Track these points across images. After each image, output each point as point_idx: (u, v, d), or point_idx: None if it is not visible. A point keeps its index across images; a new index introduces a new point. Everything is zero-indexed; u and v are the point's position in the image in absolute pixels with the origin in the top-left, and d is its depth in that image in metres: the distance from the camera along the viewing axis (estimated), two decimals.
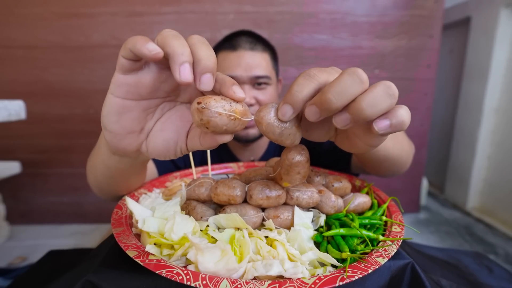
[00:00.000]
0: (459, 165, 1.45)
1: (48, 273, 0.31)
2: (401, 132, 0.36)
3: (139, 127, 0.23)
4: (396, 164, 0.37)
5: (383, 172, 0.40)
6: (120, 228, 0.28)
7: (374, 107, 0.17)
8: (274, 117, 0.20)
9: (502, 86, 1.28)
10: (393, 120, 0.18)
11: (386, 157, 0.33)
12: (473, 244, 1.14)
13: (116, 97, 0.21)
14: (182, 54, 0.18)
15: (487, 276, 0.32)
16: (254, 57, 0.50)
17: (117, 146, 0.23)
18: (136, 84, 0.21)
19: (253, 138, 0.54)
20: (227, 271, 0.22)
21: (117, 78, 0.21)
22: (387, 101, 0.18)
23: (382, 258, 0.24)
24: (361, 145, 0.22)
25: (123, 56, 0.20)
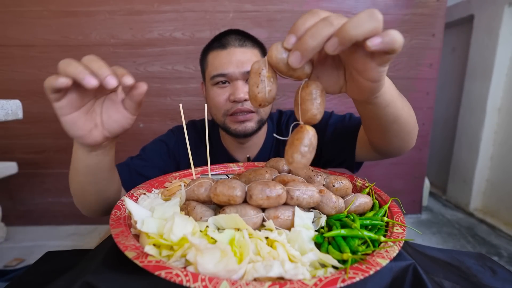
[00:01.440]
0: (462, 165, 1.44)
1: (45, 274, 0.31)
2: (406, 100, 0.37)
3: (92, 123, 0.32)
4: (404, 129, 0.37)
5: (391, 138, 0.39)
6: (119, 229, 0.27)
7: (357, 28, 0.19)
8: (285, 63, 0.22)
9: (505, 85, 1.27)
10: (385, 38, 0.20)
11: (395, 116, 0.33)
12: (475, 245, 1.13)
13: (64, 116, 0.30)
14: (80, 73, 0.26)
15: (490, 278, 0.32)
16: (245, 54, 0.51)
17: (88, 143, 0.32)
18: (68, 103, 0.30)
19: (251, 132, 0.54)
20: (227, 272, 0.22)
21: (56, 107, 0.30)
22: (370, 23, 0.20)
23: (384, 259, 0.24)
24: (365, 83, 0.24)
25: (49, 94, 0.28)
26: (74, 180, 0.39)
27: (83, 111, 0.31)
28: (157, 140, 0.60)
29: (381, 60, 0.22)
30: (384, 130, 0.37)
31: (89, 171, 0.36)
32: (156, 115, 1.22)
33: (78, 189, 0.40)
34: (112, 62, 1.22)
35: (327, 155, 0.57)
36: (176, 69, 1.19)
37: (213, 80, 0.52)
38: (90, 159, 0.35)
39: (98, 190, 0.39)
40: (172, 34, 1.15)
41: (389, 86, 0.30)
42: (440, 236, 1.20)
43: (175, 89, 1.20)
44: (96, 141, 0.33)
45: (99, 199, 0.40)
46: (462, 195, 1.43)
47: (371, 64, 0.22)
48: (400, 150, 0.43)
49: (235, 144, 0.60)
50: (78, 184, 0.39)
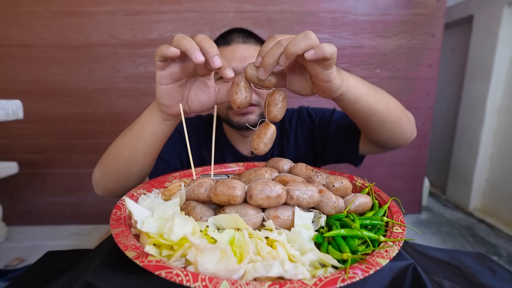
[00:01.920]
0: (461, 165, 1.44)
1: (46, 274, 0.31)
2: (387, 95, 0.43)
3: (180, 96, 0.38)
4: (386, 121, 0.42)
5: (377, 130, 0.44)
6: (119, 229, 0.28)
7: (296, 46, 0.28)
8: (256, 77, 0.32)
9: (504, 85, 1.27)
10: (317, 49, 0.28)
11: (369, 109, 0.39)
12: (475, 245, 1.13)
13: (162, 85, 0.35)
14: (192, 47, 0.31)
15: (489, 278, 0.32)
16: (248, 49, 0.53)
17: (171, 113, 0.38)
18: (170, 73, 0.35)
19: (252, 124, 0.56)
20: (227, 272, 0.22)
21: (158, 74, 0.34)
22: (305, 41, 0.28)
23: (384, 259, 0.24)
24: (321, 84, 0.33)
25: (158, 60, 0.33)
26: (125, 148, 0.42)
27: (178, 84, 0.36)
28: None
29: (323, 66, 0.31)
30: (366, 122, 0.43)
31: (152, 140, 0.40)
32: None
33: (124, 158, 0.42)
34: (112, 62, 1.22)
35: (332, 150, 0.59)
36: None
37: (217, 75, 0.54)
38: (161, 128, 0.40)
39: (143, 162, 0.43)
40: (172, 34, 1.15)
41: (354, 84, 0.37)
42: (440, 236, 1.20)
43: None
44: (177, 113, 0.38)
45: (133, 173, 0.44)
46: (462, 195, 1.43)
47: (318, 69, 0.31)
48: (395, 141, 0.47)
49: (239, 137, 0.61)
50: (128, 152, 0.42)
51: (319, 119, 0.60)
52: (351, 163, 0.58)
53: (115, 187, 0.46)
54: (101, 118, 1.21)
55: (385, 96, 0.42)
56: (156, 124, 0.39)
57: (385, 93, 0.42)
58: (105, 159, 0.46)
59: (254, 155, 0.62)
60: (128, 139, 0.42)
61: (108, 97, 1.19)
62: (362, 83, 0.38)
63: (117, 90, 1.19)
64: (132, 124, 0.43)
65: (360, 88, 0.37)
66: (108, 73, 1.17)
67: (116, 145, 0.44)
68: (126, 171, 0.44)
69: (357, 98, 0.37)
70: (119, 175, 0.44)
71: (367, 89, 0.38)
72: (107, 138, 1.22)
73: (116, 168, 0.44)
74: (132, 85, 1.19)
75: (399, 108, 0.44)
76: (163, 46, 0.31)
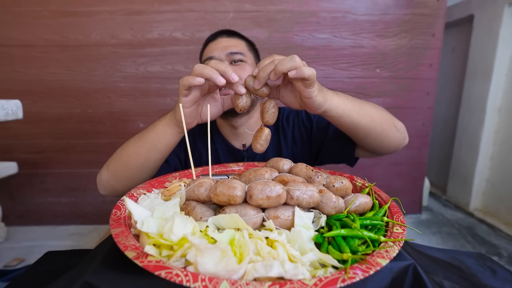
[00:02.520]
0: (462, 165, 1.44)
1: (45, 274, 0.31)
2: (374, 108, 0.48)
3: (197, 114, 0.44)
4: (371, 132, 0.47)
5: (364, 140, 0.49)
6: (119, 229, 0.27)
7: (283, 66, 0.35)
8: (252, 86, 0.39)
9: (505, 85, 1.27)
10: (298, 71, 0.35)
11: (353, 124, 0.45)
12: (475, 245, 1.13)
13: (186, 108, 0.42)
14: (214, 73, 0.37)
15: (490, 278, 0.32)
16: (230, 41, 0.58)
17: (188, 128, 0.43)
18: (193, 98, 0.41)
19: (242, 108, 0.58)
20: (227, 272, 0.22)
21: (183, 100, 0.41)
22: (290, 63, 0.35)
23: (384, 259, 0.24)
24: (304, 100, 0.39)
25: (184, 89, 0.39)
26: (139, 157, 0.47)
27: (196, 105, 0.43)
28: None
29: (304, 84, 0.37)
30: (351, 134, 0.49)
31: (166, 149, 0.46)
32: (156, 115, 1.22)
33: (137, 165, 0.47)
34: (112, 62, 1.22)
35: (328, 152, 0.60)
36: (176, 69, 1.19)
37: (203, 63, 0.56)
38: (175, 140, 0.46)
39: (154, 167, 0.49)
40: (172, 34, 1.15)
41: (338, 103, 0.42)
42: (440, 236, 1.20)
43: (175, 89, 1.20)
44: (192, 127, 0.45)
45: (143, 177, 0.49)
46: (462, 195, 1.43)
47: (301, 87, 0.37)
48: (384, 148, 0.51)
49: (231, 130, 0.63)
50: (141, 160, 0.47)
51: (317, 120, 0.62)
52: (346, 163, 0.61)
53: (122, 188, 0.50)
54: (100, 118, 1.21)
55: (371, 110, 0.47)
56: (171, 136, 0.45)
57: (371, 107, 0.47)
58: (114, 165, 0.49)
59: (245, 148, 0.64)
60: (142, 149, 0.47)
61: (107, 97, 1.19)
62: (347, 100, 0.44)
63: (117, 90, 1.19)
64: (145, 135, 0.47)
65: (343, 106, 0.42)
66: (108, 73, 1.17)
67: (128, 154, 0.48)
68: (138, 175, 0.48)
69: (340, 114, 0.43)
70: (129, 178, 0.48)
71: (351, 106, 0.43)
72: (107, 138, 1.22)
73: (128, 173, 0.48)
74: (132, 85, 1.19)
75: (386, 119, 0.49)
76: (188, 77, 0.38)
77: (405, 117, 1.25)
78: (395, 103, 1.25)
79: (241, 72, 0.55)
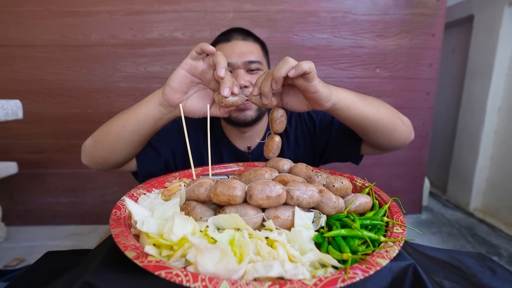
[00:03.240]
0: (462, 165, 1.44)
1: (45, 274, 0.31)
2: (378, 101, 0.47)
3: (186, 89, 0.42)
4: (379, 125, 0.46)
5: (372, 134, 0.48)
6: (119, 229, 0.27)
7: (279, 71, 0.36)
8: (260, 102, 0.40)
9: (505, 85, 1.27)
10: (296, 68, 0.35)
11: (361, 116, 0.44)
12: (475, 245, 1.13)
13: (183, 69, 0.41)
14: (222, 63, 0.38)
15: (490, 278, 0.32)
16: (246, 46, 0.56)
17: (169, 97, 0.42)
18: (194, 66, 0.41)
19: (250, 120, 0.58)
20: (227, 272, 0.22)
21: (187, 60, 0.41)
22: (285, 65, 0.35)
23: (384, 259, 0.24)
24: (312, 95, 0.38)
25: (195, 50, 0.40)
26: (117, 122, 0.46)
27: (191, 79, 0.42)
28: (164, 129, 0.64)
29: (307, 79, 0.36)
30: (360, 128, 0.47)
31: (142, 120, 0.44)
32: None
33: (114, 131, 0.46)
34: (112, 62, 1.22)
35: (334, 150, 0.60)
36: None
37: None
38: (153, 111, 0.44)
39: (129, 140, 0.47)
40: (172, 34, 1.15)
41: (344, 94, 0.42)
42: (440, 236, 1.20)
43: None
44: (173, 101, 0.42)
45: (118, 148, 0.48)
46: (462, 195, 1.43)
47: (304, 83, 0.37)
48: (392, 143, 0.50)
49: (237, 133, 0.62)
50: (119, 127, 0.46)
51: (320, 120, 0.62)
52: (352, 161, 0.60)
53: (100, 158, 0.49)
54: (101, 118, 1.21)
55: (376, 103, 0.46)
56: (151, 106, 0.43)
57: (375, 100, 0.47)
58: (98, 131, 0.49)
59: (250, 150, 0.63)
60: (123, 115, 0.46)
61: (107, 97, 1.19)
62: (351, 93, 0.43)
63: (117, 90, 1.19)
64: (133, 106, 0.46)
65: (349, 98, 0.42)
66: (108, 73, 1.17)
67: (112, 120, 0.48)
68: (113, 144, 0.47)
69: (348, 106, 0.42)
70: (106, 146, 0.48)
71: (356, 98, 0.43)
72: None
73: (105, 140, 0.47)
74: (132, 85, 1.19)
75: (391, 112, 0.48)
76: (205, 43, 0.39)
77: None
78: (395, 103, 1.25)
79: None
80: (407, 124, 0.51)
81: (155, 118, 0.44)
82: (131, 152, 0.49)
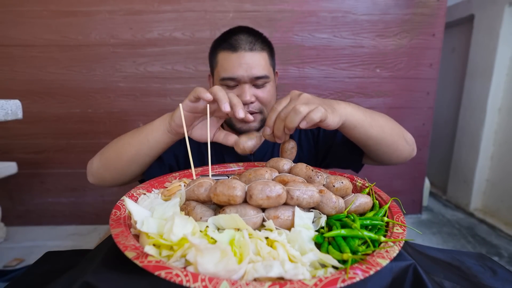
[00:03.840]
0: (462, 165, 1.44)
1: (45, 275, 0.31)
2: (384, 119, 0.47)
3: (190, 123, 0.45)
4: (382, 144, 0.47)
5: (374, 152, 0.49)
6: (119, 229, 0.27)
7: (291, 122, 0.36)
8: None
9: (505, 85, 1.27)
10: (307, 120, 0.36)
11: (366, 135, 0.44)
12: (476, 245, 1.13)
13: (184, 110, 0.42)
14: (224, 99, 0.40)
15: (490, 278, 0.32)
16: (253, 57, 0.54)
17: (175, 129, 0.45)
18: (195, 106, 0.42)
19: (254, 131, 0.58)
20: (227, 272, 0.22)
21: (186, 102, 0.42)
22: (297, 116, 0.36)
23: (384, 260, 0.23)
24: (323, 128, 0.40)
25: (193, 96, 0.41)
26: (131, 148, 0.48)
27: (195, 116, 0.44)
28: None
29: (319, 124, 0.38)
30: (363, 145, 0.48)
31: (155, 145, 0.47)
32: (156, 115, 1.20)
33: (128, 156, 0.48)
34: (112, 62, 1.22)
35: (335, 158, 0.60)
36: (176, 69, 1.19)
37: (223, 81, 0.55)
38: (163, 138, 0.46)
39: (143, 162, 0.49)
40: (172, 34, 1.15)
41: (352, 112, 0.42)
42: (440, 236, 1.20)
43: (175, 89, 1.20)
44: (180, 132, 0.45)
45: (131, 170, 0.50)
46: (463, 195, 1.43)
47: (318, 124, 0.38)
48: (393, 160, 0.51)
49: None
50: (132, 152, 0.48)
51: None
52: (352, 170, 0.61)
53: (111, 179, 0.51)
54: (100, 118, 1.20)
55: (381, 121, 0.46)
56: (162, 133, 0.46)
57: (381, 118, 0.47)
58: (107, 153, 0.50)
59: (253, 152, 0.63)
60: (135, 141, 0.48)
61: (107, 97, 1.19)
62: (359, 110, 0.43)
63: (117, 90, 1.18)
64: (141, 129, 0.48)
65: (357, 116, 0.42)
66: (108, 73, 1.17)
67: (122, 144, 0.49)
68: (127, 168, 0.49)
69: (355, 125, 0.42)
70: (119, 170, 0.49)
71: (363, 116, 0.43)
72: (106, 138, 1.22)
73: (118, 164, 0.49)
74: (132, 85, 1.19)
75: (396, 132, 0.48)
76: (202, 89, 0.40)
77: (405, 117, 1.26)
78: (395, 103, 1.25)
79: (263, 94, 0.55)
80: (410, 143, 0.51)
81: (166, 143, 0.47)
82: (143, 171, 0.52)
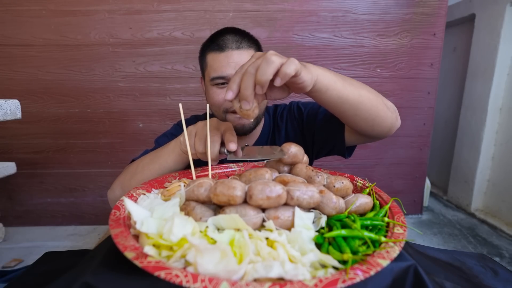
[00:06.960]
0: (463, 165, 1.44)
1: (44, 275, 0.31)
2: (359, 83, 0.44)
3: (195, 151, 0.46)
4: (359, 109, 0.43)
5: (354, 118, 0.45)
6: (118, 229, 0.27)
7: (263, 75, 0.31)
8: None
9: (506, 85, 1.27)
10: (281, 75, 0.32)
11: (340, 97, 0.41)
12: (477, 246, 1.13)
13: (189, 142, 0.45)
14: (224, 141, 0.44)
15: (491, 279, 0.32)
16: (241, 55, 0.54)
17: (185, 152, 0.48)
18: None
19: (248, 129, 0.58)
20: (227, 272, 0.22)
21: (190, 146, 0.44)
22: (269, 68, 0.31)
23: (384, 260, 0.23)
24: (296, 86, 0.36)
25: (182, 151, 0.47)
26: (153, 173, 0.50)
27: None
28: (168, 133, 0.64)
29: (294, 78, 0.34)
30: (340, 111, 0.44)
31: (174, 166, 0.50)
32: (155, 115, 1.22)
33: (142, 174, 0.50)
34: (111, 61, 1.22)
35: (319, 141, 0.60)
36: (175, 68, 1.18)
37: (213, 81, 0.55)
38: (177, 158, 0.50)
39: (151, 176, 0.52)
40: (171, 33, 1.15)
41: (323, 73, 0.38)
42: (441, 237, 1.20)
43: (174, 88, 1.20)
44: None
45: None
46: (463, 195, 1.43)
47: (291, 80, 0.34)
48: (376, 129, 0.47)
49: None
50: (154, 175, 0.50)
51: (308, 112, 0.61)
52: (339, 154, 0.59)
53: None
54: (100, 118, 1.20)
55: (357, 84, 0.43)
56: (177, 154, 0.50)
57: (357, 82, 0.44)
58: (128, 182, 0.51)
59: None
60: (155, 165, 0.50)
61: (107, 96, 1.19)
62: (329, 72, 0.40)
63: (116, 89, 1.18)
64: (158, 153, 0.51)
65: (327, 77, 0.39)
66: (107, 73, 1.17)
67: (142, 170, 0.51)
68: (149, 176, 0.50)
69: (327, 86, 0.39)
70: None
71: (334, 77, 0.40)
72: (106, 138, 1.22)
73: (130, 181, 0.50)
74: (131, 84, 1.19)
75: (374, 96, 0.45)
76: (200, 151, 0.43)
77: (406, 117, 1.25)
78: (396, 103, 1.22)
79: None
80: (392, 110, 0.48)
81: (181, 163, 0.50)
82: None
